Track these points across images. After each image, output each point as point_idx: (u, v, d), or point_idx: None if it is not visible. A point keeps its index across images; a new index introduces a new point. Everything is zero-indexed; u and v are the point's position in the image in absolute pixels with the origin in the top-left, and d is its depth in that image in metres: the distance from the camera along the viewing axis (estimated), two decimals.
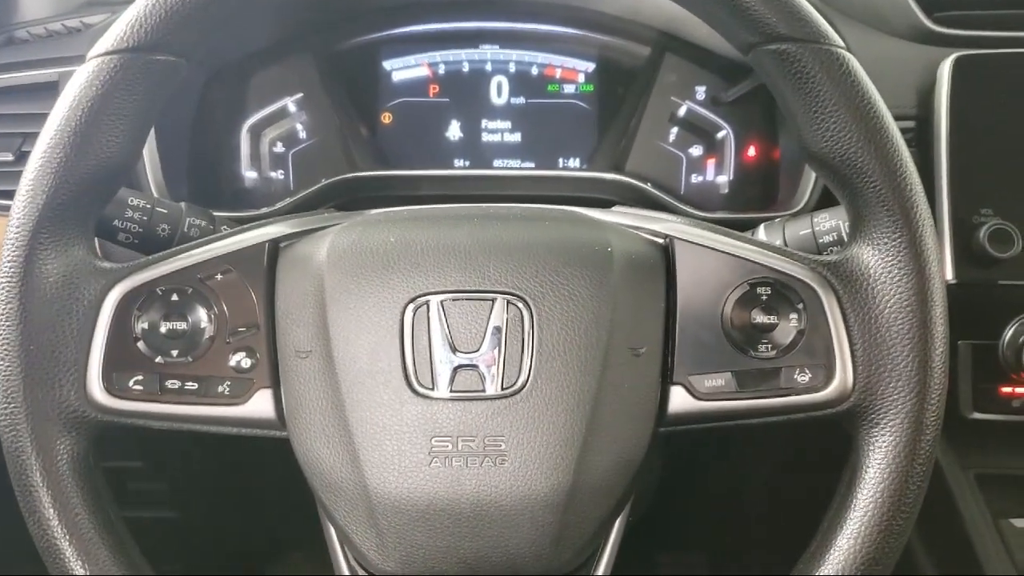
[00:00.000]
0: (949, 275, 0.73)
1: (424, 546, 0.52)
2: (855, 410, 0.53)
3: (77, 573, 0.53)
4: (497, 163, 0.95)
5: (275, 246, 0.57)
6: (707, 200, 0.91)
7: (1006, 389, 0.76)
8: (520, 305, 0.53)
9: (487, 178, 0.88)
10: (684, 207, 0.83)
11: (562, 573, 0.54)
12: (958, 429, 0.77)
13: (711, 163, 0.91)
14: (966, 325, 0.74)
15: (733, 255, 0.56)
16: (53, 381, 0.53)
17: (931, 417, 0.52)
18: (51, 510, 0.53)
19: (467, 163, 0.94)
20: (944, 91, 0.75)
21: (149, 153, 0.82)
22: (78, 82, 0.53)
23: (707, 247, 0.56)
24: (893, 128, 0.53)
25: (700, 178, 0.91)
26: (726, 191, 0.91)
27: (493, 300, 0.53)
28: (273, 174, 0.93)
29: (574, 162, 0.94)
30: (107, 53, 0.53)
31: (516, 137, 0.95)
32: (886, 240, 0.53)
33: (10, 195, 0.81)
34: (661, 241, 0.58)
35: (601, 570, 0.56)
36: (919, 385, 0.52)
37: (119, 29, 0.53)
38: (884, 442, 0.52)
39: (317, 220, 0.60)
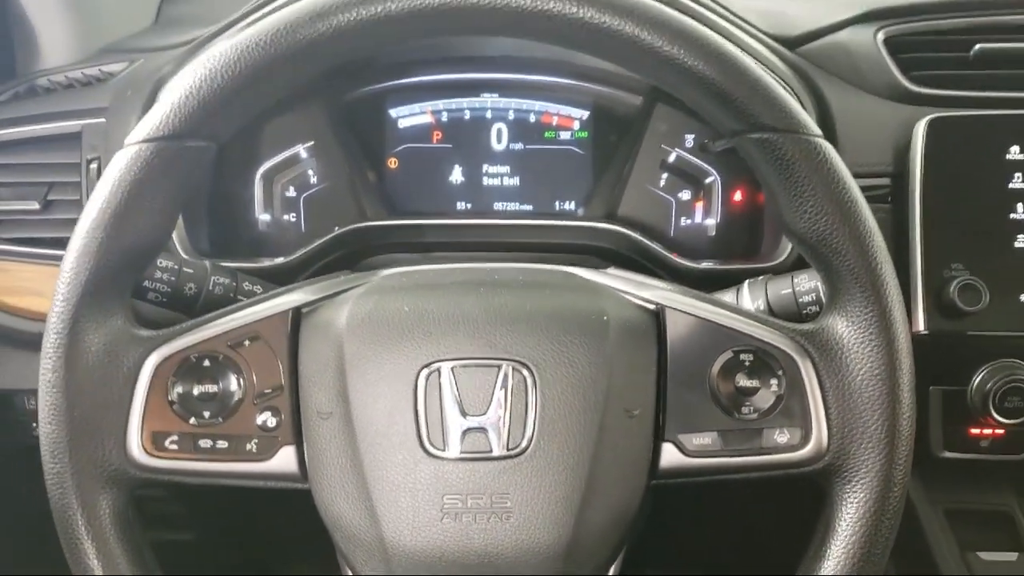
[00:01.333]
0: (921, 326, 0.77)
1: None
2: (829, 468, 0.59)
3: None
4: (497, 205, 0.99)
5: (298, 313, 0.62)
6: (695, 241, 0.95)
7: (974, 430, 0.81)
8: (524, 371, 0.58)
9: (488, 227, 0.93)
10: (671, 254, 0.87)
11: None
12: (929, 467, 0.83)
13: (699, 207, 0.96)
14: (937, 372, 0.79)
15: (719, 324, 0.61)
16: (96, 442, 0.58)
17: (899, 475, 0.57)
18: (95, 561, 0.58)
19: (469, 205, 0.99)
20: (919, 150, 0.80)
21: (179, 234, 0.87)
22: (117, 166, 0.58)
23: (695, 315, 0.61)
24: (866, 211, 0.58)
25: (689, 221, 0.96)
26: (713, 233, 0.96)
27: (499, 367, 0.58)
28: (286, 217, 0.98)
29: (570, 205, 0.98)
30: (145, 140, 0.57)
31: (515, 181, 0.99)
32: (858, 313, 0.58)
33: (39, 242, 0.89)
34: (652, 307, 0.63)
35: None
36: (888, 447, 0.57)
37: (155, 118, 0.57)
38: (856, 498, 0.58)
39: (335, 285, 0.65)
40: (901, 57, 0.87)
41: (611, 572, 0.62)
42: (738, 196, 0.95)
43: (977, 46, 0.85)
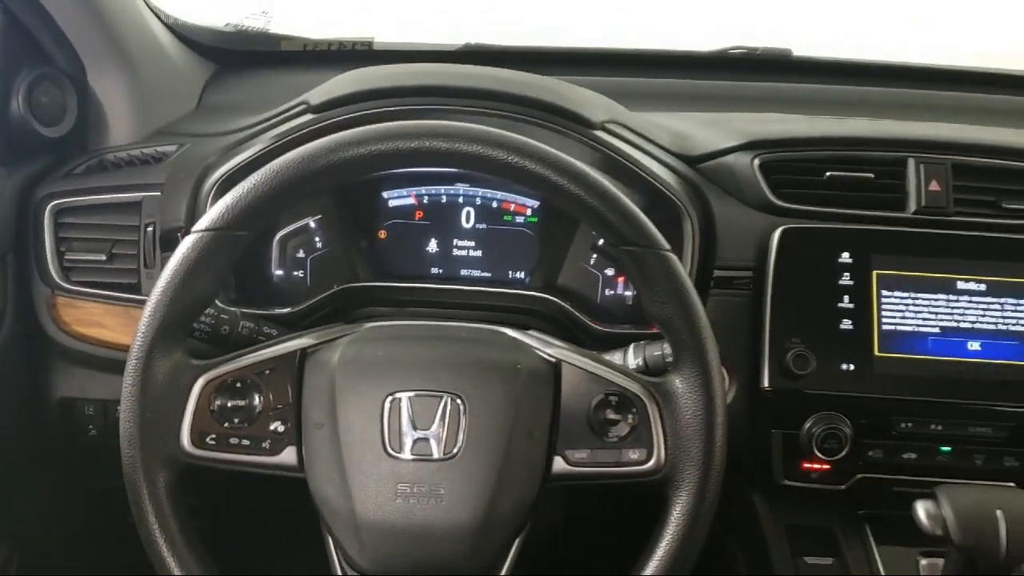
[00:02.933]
0: (766, 383, 1.00)
1: (389, 554, 0.82)
2: (665, 479, 0.83)
3: (167, 560, 0.82)
4: (464, 272, 1.23)
5: (304, 353, 0.87)
6: (616, 307, 1.17)
7: (807, 465, 1.03)
8: (459, 401, 0.83)
9: (454, 291, 1.15)
10: (589, 319, 1.09)
11: (477, 573, 0.84)
12: (773, 492, 1.06)
13: (620, 281, 1.19)
14: (778, 418, 1.03)
15: (597, 374, 0.86)
16: (158, 437, 0.83)
17: (712, 486, 0.82)
18: (153, 518, 0.82)
19: (441, 271, 1.22)
20: (773, 252, 1.03)
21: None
22: (185, 246, 0.82)
23: (582, 368, 0.86)
24: (698, 305, 0.83)
25: (612, 292, 1.19)
26: (630, 303, 1.19)
27: (441, 397, 0.83)
28: (295, 274, 1.22)
29: (520, 275, 1.22)
30: (206, 229, 0.83)
31: (479, 253, 1.24)
32: (688, 373, 0.83)
33: (106, 286, 1.12)
34: (553, 361, 0.88)
35: (503, 571, 0.86)
36: (705, 465, 0.82)
37: (213, 214, 0.82)
38: (682, 500, 0.82)
39: (331, 333, 0.90)
40: (771, 178, 1.09)
41: (513, 547, 0.86)
42: None
43: (828, 173, 1.08)
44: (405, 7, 1.68)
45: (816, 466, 1.04)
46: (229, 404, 0.85)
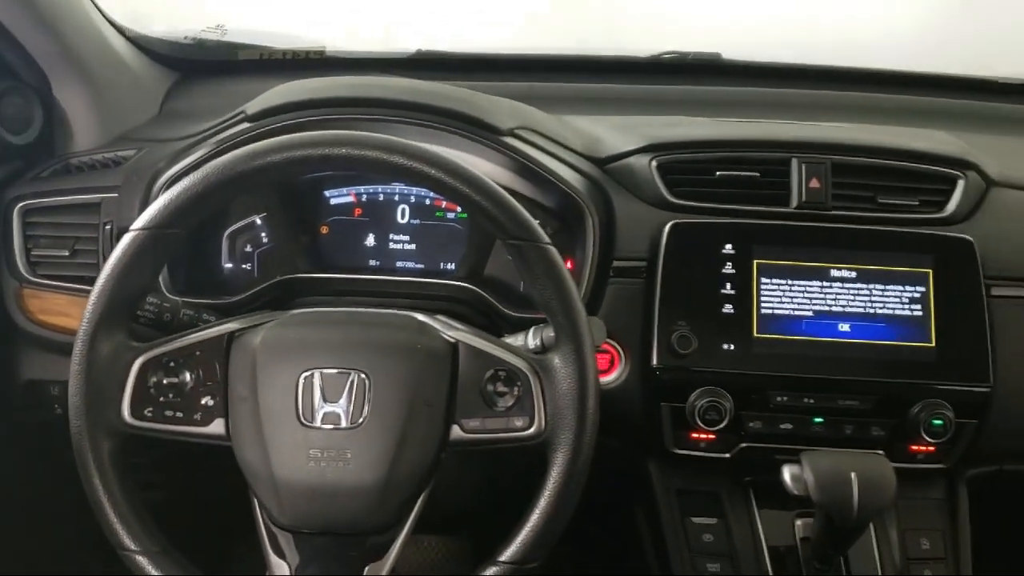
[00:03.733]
0: (655, 362, 1.12)
1: (304, 511, 0.93)
2: (544, 442, 0.94)
3: (110, 518, 0.94)
4: (399, 264, 1.33)
5: (231, 336, 0.98)
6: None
7: (694, 435, 1.13)
8: (364, 376, 0.94)
9: (385, 281, 1.26)
10: (502, 306, 1.20)
11: (381, 527, 0.95)
12: (666, 460, 1.17)
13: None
14: (666, 393, 1.13)
15: (488, 352, 0.97)
16: (101, 409, 0.93)
17: (584, 448, 0.93)
18: (98, 481, 0.94)
19: (378, 263, 1.34)
20: (663, 244, 1.15)
21: (164, 278, 1.20)
22: (124, 243, 0.93)
23: (476, 347, 0.98)
24: (574, 292, 0.94)
25: None
26: None
27: (349, 374, 0.95)
28: (244, 267, 1.33)
29: (450, 266, 1.32)
30: (141, 228, 0.94)
31: (413, 247, 1.34)
32: (564, 351, 0.94)
33: (69, 279, 1.24)
34: (453, 341, 0.99)
35: (406, 526, 0.97)
36: (578, 431, 0.93)
37: (148, 214, 0.94)
38: (558, 460, 0.93)
39: (257, 319, 1.01)
40: (667, 177, 1.20)
41: (415, 506, 0.98)
42: (568, 265, 1.32)
43: (718, 172, 1.20)
44: (356, 18, 1.79)
45: (702, 436, 1.14)
46: (164, 381, 0.96)
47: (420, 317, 1.05)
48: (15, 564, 1.43)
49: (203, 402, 0.96)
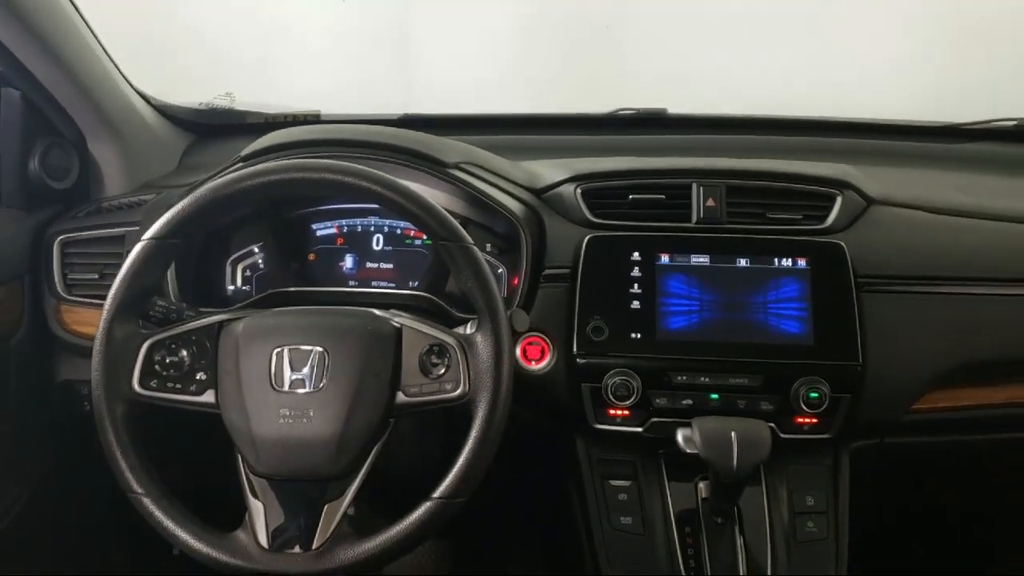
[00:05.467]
0: (575, 349, 1.32)
1: (276, 460, 1.15)
2: (468, 401, 1.14)
3: (121, 467, 1.17)
4: (374, 284, 1.59)
5: (221, 324, 1.22)
6: None
7: (612, 412, 1.33)
8: (324, 351, 1.17)
9: (358, 292, 1.50)
10: (455, 310, 1.41)
11: (338, 474, 1.17)
12: (590, 435, 1.36)
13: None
14: (586, 376, 1.32)
15: (425, 332, 1.20)
16: (116, 381, 1.17)
17: (500, 406, 1.13)
18: (112, 438, 1.17)
19: (356, 284, 1.58)
20: (583, 254, 1.37)
21: (171, 279, 1.47)
22: (135, 252, 1.19)
23: (416, 329, 1.21)
24: (492, 283, 1.16)
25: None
26: None
27: (312, 350, 1.18)
28: (244, 288, 1.58)
29: (415, 283, 1.56)
30: (149, 239, 1.19)
31: (388, 267, 1.60)
32: (484, 331, 1.15)
33: (98, 297, 1.47)
34: (398, 326, 1.23)
35: (359, 474, 1.19)
36: (494, 392, 1.14)
37: (154, 228, 1.20)
38: (479, 414, 1.13)
39: (241, 313, 1.26)
40: (589, 201, 1.42)
41: (368, 457, 1.20)
42: (515, 281, 1.54)
43: (631, 196, 1.42)
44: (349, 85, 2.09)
45: (618, 412, 1.34)
46: (167, 359, 1.19)
47: (375, 311, 1.28)
48: (47, 549, 1.67)
49: (198, 376, 1.20)
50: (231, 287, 1.58)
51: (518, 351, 1.38)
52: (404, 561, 1.84)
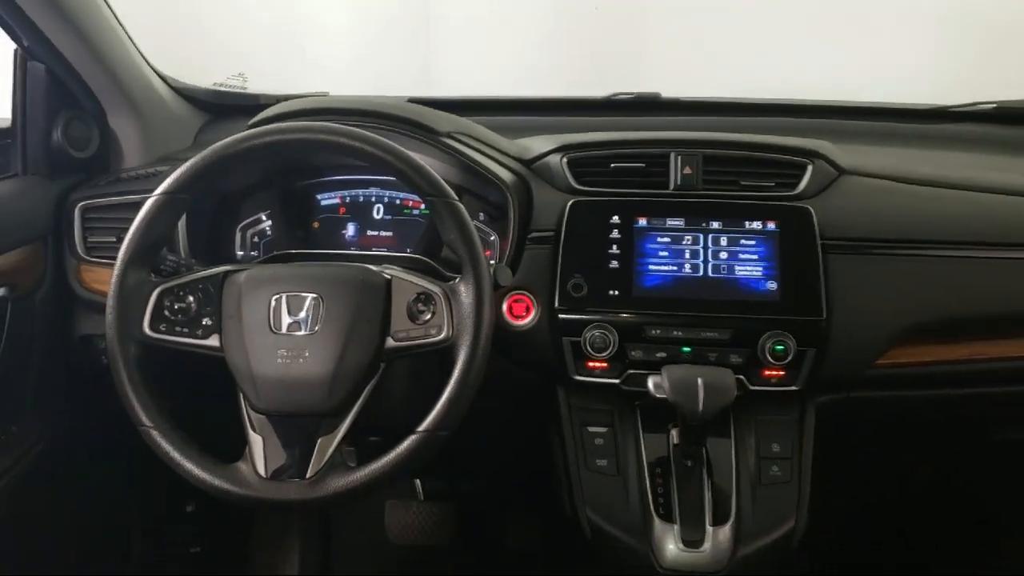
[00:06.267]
0: (557, 304, 1.43)
1: (275, 397, 1.25)
2: (452, 344, 1.24)
3: (132, 402, 1.28)
4: (374, 250, 1.70)
5: (225, 274, 1.32)
6: None
7: (590, 364, 1.42)
8: (320, 298, 1.27)
9: (358, 255, 1.61)
10: (445, 269, 1.51)
11: (331, 411, 1.27)
12: (571, 387, 1.46)
13: (488, 254, 1.65)
14: (567, 330, 1.40)
15: (413, 281, 1.29)
16: (129, 324, 1.27)
17: (480, 347, 1.23)
18: (124, 376, 1.27)
19: (357, 250, 1.71)
20: (565, 218, 1.46)
21: (183, 241, 1.57)
22: (147, 206, 1.29)
23: (404, 279, 1.30)
24: (474, 236, 1.25)
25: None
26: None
27: (308, 296, 1.28)
28: (252, 253, 1.70)
29: (412, 248, 1.68)
30: (159, 193, 1.30)
31: (388, 234, 1.71)
32: (467, 279, 1.24)
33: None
34: (388, 277, 1.32)
35: (352, 412, 1.28)
36: (475, 336, 1.24)
37: (164, 185, 1.30)
38: (461, 355, 1.23)
39: (245, 265, 1.36)
40: (574, 169, 1.52)
41: (361, 396, 1.29)
42: (505, 244, 1.64)
43: (612, 164, 1.52)
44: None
45: (596, 365, 1.44)
46: (175, 305, 1.30)
47: (369, 266, 1.38)
48: (62, 495, 1.78)
49: (204, 322, 1.30)
50: (240, 252, 1.69)
51: (505, 308, 1.47)
52: (409, 527, 1.96)
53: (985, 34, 2.27)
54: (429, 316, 1.27)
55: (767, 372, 1.42)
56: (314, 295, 1.28)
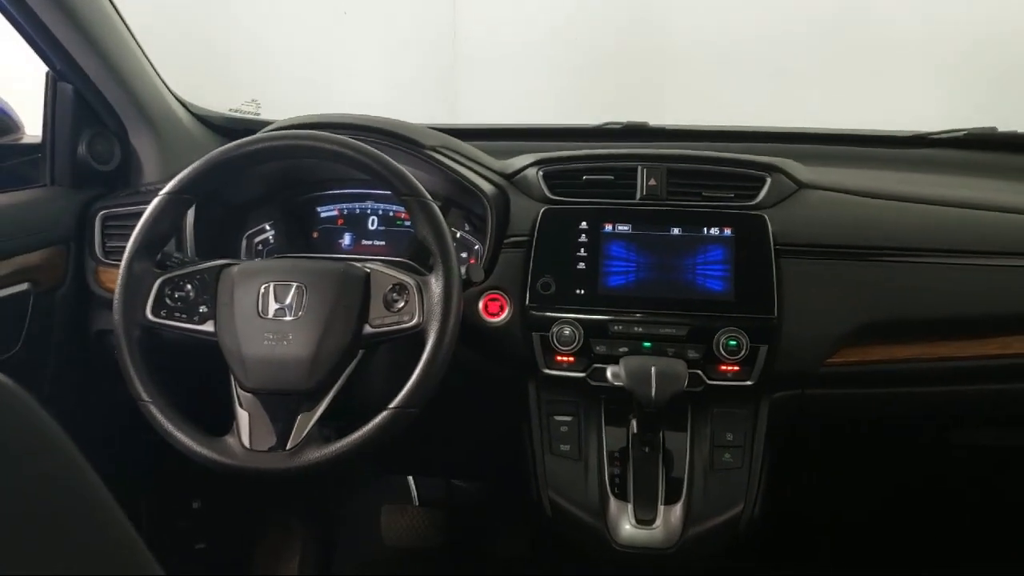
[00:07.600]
0: (527, 302, 1.54)
1: (261, 376, 1.38)
2: (422, 330, 1.36)
3: (133, 380, 1.41)
4: (368, 257, 1.83)
5: (221, 267, 1.46)
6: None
7: (559, 358, 1.51)
8: (304, 287, 1.41)
9: (351, 258, 1.74)
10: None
11: (311, 391, 1.39)
12: (540, 380, 1.56)
13: (471, 260, 1.78)
14: (536, 325, 1.52)
15: (389, 273, 1.43)
16: (133, 309, 1.42)
17: (448, 334, 1.35)
18: (127, 356, 1.41)
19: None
20: (538, 224, 1.59)
21: (190, 245, 1.73)
22: (153, 204, 1.44)
23: (381, 271, 1.43)
24: (446, 233, 1.38)
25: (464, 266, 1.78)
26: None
27: (293, 285, 1.41)
28: (256, 259, 1.85)
29: (402, 255, 1.81)
30: (164, 193, 1.45)
31: (381, 243, 1.85)
32: (437, 273, 1.37)
33: None
34: (368, 271, 1.45)
35: (331, 392, 1.40)
36: (443, 323, 1.36)
37: (170, 185, 1.45)
38: (430, 341, 1.35)
39: (239, 261, 1.50)
40: (549, 181, 1.64)
41: (340, 378, 1.41)
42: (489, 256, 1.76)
43: (584, 177, 1.65)
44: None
45: (564, 359, 1.54)
46: (176, 294, 1.44)
47: (351, 261, 1.51)
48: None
49: (200, 309, 1.44)
50: (245, 257, 1.83)
51: (480, 306, 1.59)
52: (405, 531, 2.07)
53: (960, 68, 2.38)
54: (402, 304, 1.40)
55: (723, 367, 1.51)
56: (298, 284, 1.41)
